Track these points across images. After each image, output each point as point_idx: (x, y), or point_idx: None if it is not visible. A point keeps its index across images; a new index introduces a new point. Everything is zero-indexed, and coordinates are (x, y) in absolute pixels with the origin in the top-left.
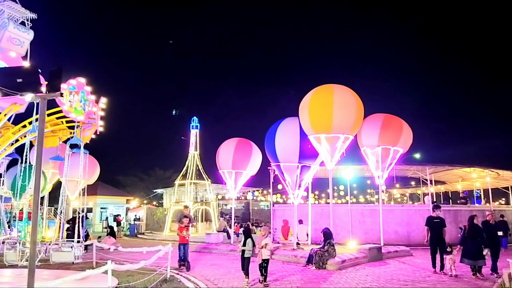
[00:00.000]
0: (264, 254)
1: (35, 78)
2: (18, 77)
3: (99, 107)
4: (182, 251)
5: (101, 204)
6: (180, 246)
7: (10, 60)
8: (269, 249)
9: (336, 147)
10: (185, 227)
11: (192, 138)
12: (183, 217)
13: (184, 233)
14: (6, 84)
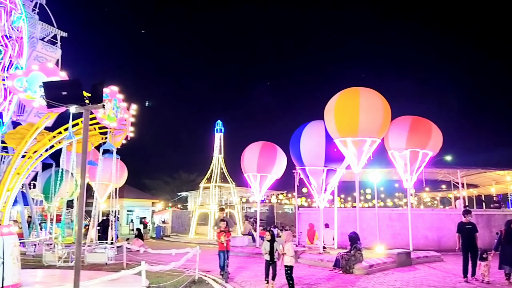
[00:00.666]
0: (285, 261)
1: (78, 91)
2: (63, 90)
3: (130, 114)
4: (222, 259)
5: (128, 207)
6: (219, 253)
7: (48, 71)
8: (290, 256)
9: (362, 150)
10: (223, 232)
11: (216, 141)
12: (219, 221)
13: (222, 239)
14: (53, 97)
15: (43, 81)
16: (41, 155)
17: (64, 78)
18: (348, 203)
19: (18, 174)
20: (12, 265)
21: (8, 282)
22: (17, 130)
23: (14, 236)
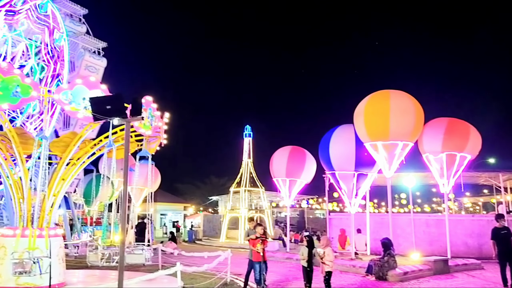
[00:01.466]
0: (325, 267)
1: (120, 105)
2: (107, 104)
3: (164, 122)
4: (257, 272)
5: (161, 211)
6: (254, 264)
7: (91, 84)
8: (329, 261)
9: (394, 154)
10: (259, 239)
11: (245, 146)
12: (256, 225)
13: (258, 247)
14: (98, 111)
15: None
16: (84, 162)
17: (105, 90)
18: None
19: (63, 180)
20: (58, 265)
21: (54, 281)
22: (61, 139)
23: (59, 238)
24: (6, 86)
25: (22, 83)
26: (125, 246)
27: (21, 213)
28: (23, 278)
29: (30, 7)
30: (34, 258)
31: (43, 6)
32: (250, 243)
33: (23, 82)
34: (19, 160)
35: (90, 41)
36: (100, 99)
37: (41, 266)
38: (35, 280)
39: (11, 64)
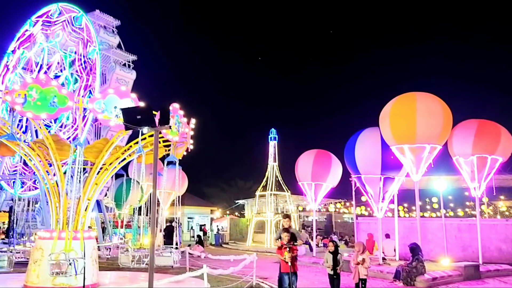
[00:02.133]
0: (361, 273)
1: (149, 115)
2: (138, 114)
3: (190, 128)
4: (286, 285)
5: (188, 214)
6: (283, 276)
7: (121, 94)
8: (367, 267)
9: (421, 157)
10: (286, 247)
11: (270, 149)
12: (282, 231)
13: (285, 255)
14: (130, 120)
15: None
16: (115, 167)
17: (134, 99)
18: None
19: (96, 184)
20: (92, 266)
21: (88, 281)
22: (93, 145)
23: (93, 240)
24: (44, 97)
25: (59, 94)
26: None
27: (57, 217)
28: (59, 278)
29: (65, 19)
30: (70, 259)
31: (78, 19)
32: (277, 251)
33: (60, 93)
34: (56, 166)
35: (121, 54)
36: (131, 109)
37: (76, 267)
38: (70, 280)
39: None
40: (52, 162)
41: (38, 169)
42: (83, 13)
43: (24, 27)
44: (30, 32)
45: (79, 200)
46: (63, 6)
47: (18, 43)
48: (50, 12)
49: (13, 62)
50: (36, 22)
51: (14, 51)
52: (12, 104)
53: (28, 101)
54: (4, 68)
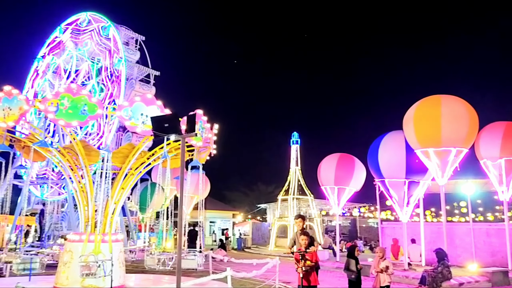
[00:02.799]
0: (382, 280)
1: (176, 123)
2: (165, 123)
3: (213, 133)
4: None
5: (210, 218)
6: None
7: (148, 101)
8: (390, 273)
9: (447, 161)
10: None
11: (292, 153)
12: (299, 234)
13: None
14: (157, 128)
15: (147, 112)
16: (141, 172)
17: (160, 106)
18: (440, 217)
19: (122, 188)
20: (119, 268)
21: (115, 283)
22: (119, 150)
23: (120, 243)
24: (75, 105)
25: (89, 102)
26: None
27: (86, 220)
28: (88, 280)
29: (94, 28)
30: (99, 261)
31: (106, 29)
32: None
33: (90, 101)
34: (85, 171)
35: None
36: (159, 118)
37: (104, 269)
38: (98, 282)
39: (79, 86)
40: (81, 167)
41: (68, 173)
42: (111, 23)
43: (54, 33)
44: (60, 39)
45: (107, 203)
46: (92, 15)
47: (48, 49)
48: (79, 20)
49: (43, 68)
50: (66, 30)
51: (44, 56)
52: (45, 112)
53: (60, 109)
54: (34, 72)
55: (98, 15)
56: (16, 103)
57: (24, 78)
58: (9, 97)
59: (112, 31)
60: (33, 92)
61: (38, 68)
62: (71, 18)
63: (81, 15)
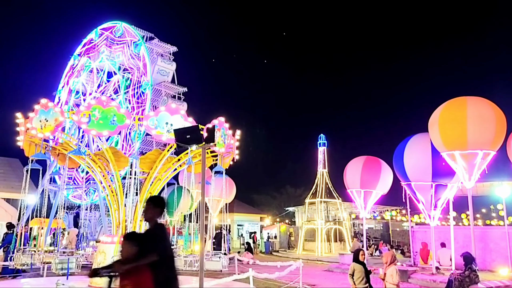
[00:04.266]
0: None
1: (198, 135)
2: (187, 134)
3: (235, 139)
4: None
5: (238, 221)
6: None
7: (172, 111)
8: (393, 283)
9: (474, 164)
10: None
11: (320, 155)
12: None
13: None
14: (180, 140)
15: (171, 121)
16: (168, 177)
17: (184, 115)
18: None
19: (150, 193)
20: None
21: None
22: (146, 156)
23: None
24: (106, 116)
25: (118, 113)
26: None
27: (117, 223)
28: None
29: (126, 42)
30: None
31: (137, 46)
32: None
33: (119, 112)
34: (115, 176)
35: (172, 87)
36: (182, 130)
37: None
38: None
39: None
40: (111, 172)
41: (99, 178)
42: (142, 42)
43: (90, 35)
44: (95, 42)
45: (136, 207)
46: (126, 27)
47: (84, 49)
48: (114, 28)
49: (78, 67)
50: (101, 34)
51: (80, 55)
52: (79, 123)
53: (92, 120)
54: (70, 69)
55: (131, 29)
56: (52, 114)
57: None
58: (45, 109)
59: (143, 50)
60: (68, 89)
61: (74, 66)
62: (107, 23)
63: (116, 23)
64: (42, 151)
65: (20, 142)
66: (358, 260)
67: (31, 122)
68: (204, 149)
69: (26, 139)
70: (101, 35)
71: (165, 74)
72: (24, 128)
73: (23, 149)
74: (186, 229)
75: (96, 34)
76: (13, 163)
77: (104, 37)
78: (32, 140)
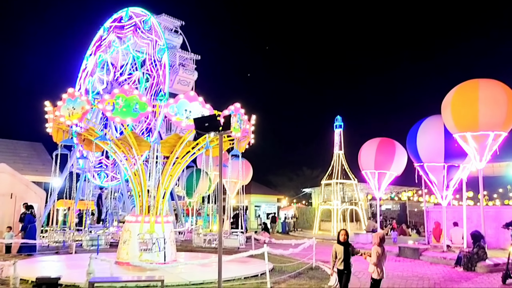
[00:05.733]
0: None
1: (215, 123)
2: (205, 122)
3: (251, 124)
4: None
5: (255, 203)
6: None
7: (191, 98)
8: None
9: (485, 145)
10: None
11: (336, 137)
12: None
13: None
14: (199, 127)
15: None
16: (187, 160)
17: (202, 102)
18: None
19: (171, 175)
20: (170, 246)
21: (168, 258)
22: (166, 140)
23: (171, 224)
24: (129, 104)
25: (140, 101)
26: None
27: (141, 204)
28: (145, 255)
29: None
30: (154, 239)
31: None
32: None
33: (141, 100)
34: (137, 160)
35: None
36: (200, 119)
37: (159, 245)
38: (154, 257)
39: (131, 86)
40: (134, 156)
41: (123, 162)
42: (151, 15)
43: (99, 33)
44: (105, 38)
45: (158, 189)
46: (133, 11)
47: (95, 48)
48: (144, 18)
49: (91, 66)
50: (110, 27)
51: (91, 55)
52: (104, 111)
53: (116, 108)
54: (99, 39)
55: (139, 10)
56: (78, 103)
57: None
58: (72, 98)
59: (152, 20)
60: (84, 89)
61: (103, 38)
62: (113, 16)
63: (122, 12)
64: (69, 137)
65: (49, 129)
66: (339, 241)
67: (59, 110)
68: (222, 136)
69: (54, 126)
70: (109, 28)
71: (185, 84)
72: (53, 115)
73: (51, 135)
74: (205, 210)
75: (104, 29)
76: (36, 147)
77: (132, 23)
78: (60, 127)
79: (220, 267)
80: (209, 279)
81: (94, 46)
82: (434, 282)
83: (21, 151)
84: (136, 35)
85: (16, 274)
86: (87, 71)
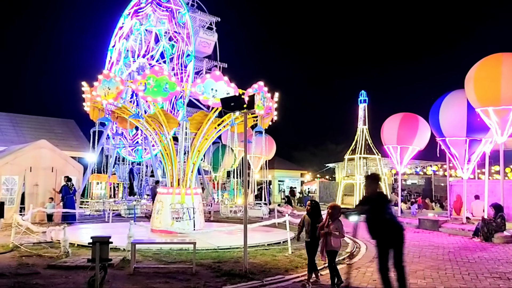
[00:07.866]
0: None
1: (240, 102)
2: (231, 102)
3: (274, 101)
4: None
5: (279, 177)
6: None
7: (216, 77)
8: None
9: (507, 119)
10: None
11: (360, 112)
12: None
13: None
14: (226, 106)
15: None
16: (213, 136)
17: (227, 81)
18: None
19: (198, 151)
20: (199, 216)
21: (197, 227)
22: (193, 117)
23: (199, 195)
24: (159, 84)
25: (170, 81)
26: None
27: (171, 177)
28: (176, 224)
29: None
30: (184, 208)
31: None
32: None
33: (170, 80)
34: (167, 136)
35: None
36: (226, 99)
37: (190, 214)
38: (184, 225)
39: (161, 67)
40: (164, 132)
41: (154, 138)
42: (187, 10)
43: (119, 22)
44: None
45: (187, 163)
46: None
47: (117, 38)
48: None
49: (116, 55)
50: (129, 15)
51: (129, 15)
52: (137, 91)
53: (147, 88)
54: (109, 63)
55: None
56: (113, 83)
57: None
58: (107, 78)
59: (188, 20)
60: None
61: (121, 27)
62: (131, 3)
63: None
64: (105, 115)
65: (86, 108)
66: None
67: (95, 90)
68: (246, 114)
69: (91, 104)
70: (128, 15)
71: (206, 45)
72: (90, 95)
73: (88, 113)
74: (231, 184)
75: (124, 17)
76: (69, 123)
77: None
78: (96, 106)
79: (246, 232)
80: (235, 244)
81: (116, 37)
82: (448, 251)
83: (55, 128)
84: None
85: (66, 237)
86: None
